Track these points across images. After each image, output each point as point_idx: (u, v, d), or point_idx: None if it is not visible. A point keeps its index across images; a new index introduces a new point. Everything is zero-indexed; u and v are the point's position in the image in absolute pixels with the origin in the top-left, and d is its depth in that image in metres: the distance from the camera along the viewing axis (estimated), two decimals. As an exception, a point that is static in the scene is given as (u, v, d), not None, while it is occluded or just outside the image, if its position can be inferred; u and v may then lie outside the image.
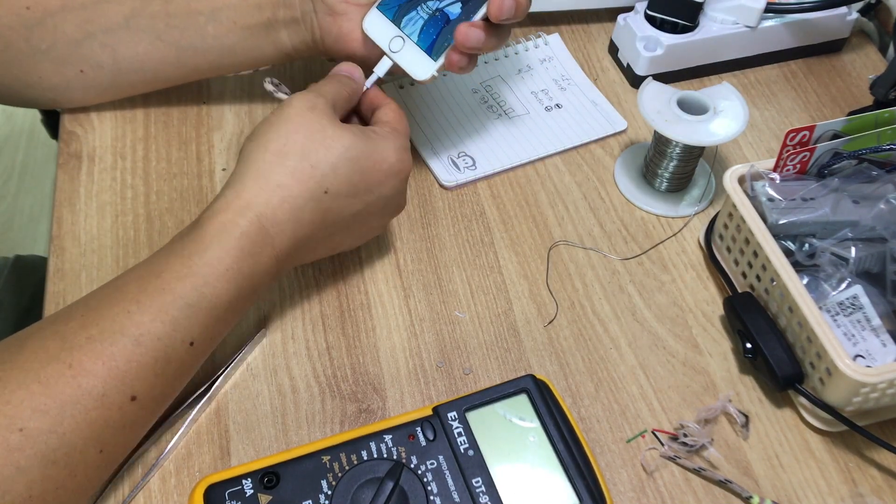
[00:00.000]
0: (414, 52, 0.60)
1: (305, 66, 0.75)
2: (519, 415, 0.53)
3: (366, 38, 0.61)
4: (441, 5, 0.60)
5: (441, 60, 0.60)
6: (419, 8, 0.61)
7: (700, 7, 0.74)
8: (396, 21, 0.61)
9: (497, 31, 0.60)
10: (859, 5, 0.80)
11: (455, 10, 0.60)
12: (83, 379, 0.46)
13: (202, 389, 0.56)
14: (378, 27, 0.61)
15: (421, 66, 0.60)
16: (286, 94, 0.64)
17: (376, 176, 0.56)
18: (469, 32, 0.58)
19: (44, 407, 0.44)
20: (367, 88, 0.61)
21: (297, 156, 0.53)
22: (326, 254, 0.59)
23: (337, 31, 0.62)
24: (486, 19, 0.59)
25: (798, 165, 0.61)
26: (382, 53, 0.61)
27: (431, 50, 0.60)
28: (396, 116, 0.59)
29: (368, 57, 0.62)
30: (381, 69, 0.61)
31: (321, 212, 0.54)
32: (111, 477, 0.52)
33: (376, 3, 0.61)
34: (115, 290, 0.50)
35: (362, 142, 0.55)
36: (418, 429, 0.52)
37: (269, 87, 0.63)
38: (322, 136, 0.54)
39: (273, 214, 0.52)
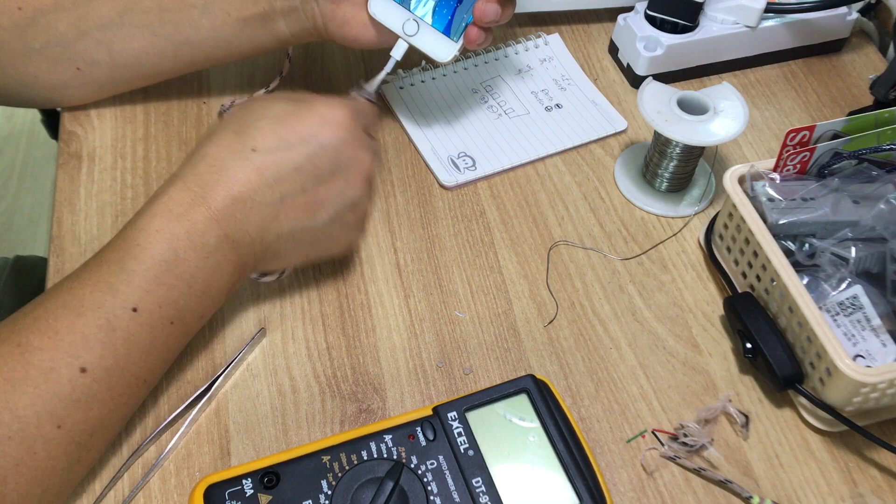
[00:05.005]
0: (431, 34, 0.60)
1: (306, 76, 0.75)
2: (519, 415, 0.53)
3: (373, 22, 0.61)
4: None
5: (462, 40, 0.60)
6: None
7: (700, 7, 0.74)
8: (405, 3, 0.60)
9: (506, 3, 0.63)
10: (859, 5, 0.80)
11: None
12: (31, 355, 0.47)
13: (202, 389, 0.56)
14: (386, 10, 0.60)
15: (442, 49, 0.60)
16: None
17: (306, 127, 0.54)
18: (486, 8, 0.61)
19: None
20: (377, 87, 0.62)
21: (224, 129, 0.54)
22: (301, 252, 0.56)
23: (341, 17, 0.62)
24: None
25: (798, 165, 0.61)
26: (392, 36, 0.61)
27: (449, 31, 0.60)
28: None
29: (377, 41, 0.62)
30: (397, 52, 0.61)
31: (255, 169, 0.52)
32: (112, 477, 0.52)
33: None
34: (63, 280, 0.51)
35: (293, 104, 0.55)
36: (418, 429, 0.52)
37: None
38: (251, 105, 0.55)
39: (197, 175, 0.52)
